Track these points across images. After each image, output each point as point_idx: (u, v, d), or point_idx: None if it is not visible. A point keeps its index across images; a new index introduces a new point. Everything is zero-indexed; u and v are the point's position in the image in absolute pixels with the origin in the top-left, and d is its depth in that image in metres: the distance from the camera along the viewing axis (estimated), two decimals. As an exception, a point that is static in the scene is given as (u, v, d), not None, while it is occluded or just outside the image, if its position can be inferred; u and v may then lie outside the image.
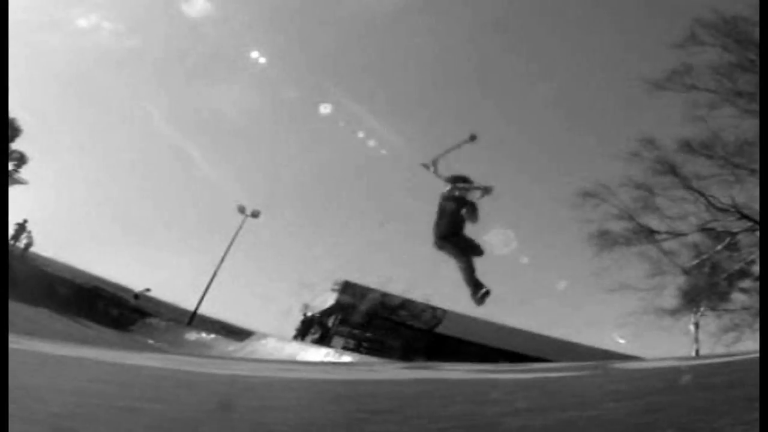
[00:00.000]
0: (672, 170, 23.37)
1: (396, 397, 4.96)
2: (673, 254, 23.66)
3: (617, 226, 24.42)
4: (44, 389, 3.13)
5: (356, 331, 34.00)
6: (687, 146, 23.06)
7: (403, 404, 4.71)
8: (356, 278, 32.79)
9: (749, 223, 21.43)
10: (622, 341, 26.12)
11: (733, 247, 22.21)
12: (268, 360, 15.32)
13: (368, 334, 34.05)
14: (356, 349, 30.05)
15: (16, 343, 6.75)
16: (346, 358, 18.90)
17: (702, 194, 23.13)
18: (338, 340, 33.17)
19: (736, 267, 22.18)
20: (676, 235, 23.77)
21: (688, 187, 23.14)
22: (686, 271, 23.46)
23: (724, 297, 22.69)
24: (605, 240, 24.46)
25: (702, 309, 23.13)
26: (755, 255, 20.80)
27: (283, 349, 21.95)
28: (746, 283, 22.28)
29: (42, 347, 7.06)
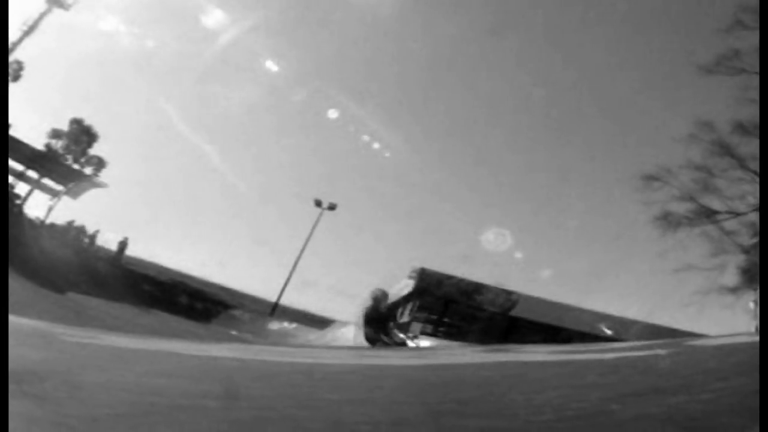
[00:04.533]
0: (728, 151, 23.77)
1: (483, 383, 4.57)
2: (733, 233, 24.10)
3: (680, 208, 24.79)
4: (97, 387, 2.97)
5: (433, 317, 34.00)
6: (741, 128, 23.41)
7: (493, 391, 4.33)
8: (430, 265, 32.88)
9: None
10: (608, 332, 26.15)
11: (790, 224, 21.92)
12: (348, 347, 15.31)
13: (445, 319, 33.98)
14: (434, 334, 30.01)
15: (93, 338, 6.85)
16: (425, 343, 18.74)
17: (757, 174, 23.33)
18: (416, 326, 33.29)
19: (794, 244, 21.82)
20: (735, 214, 24.05)
21: (745, 168, 23.58)
22: (746, 250, 23.58)
23: (782, 274, 22.35)
24: (668, 221, 24.78)
25: (762, 286, 22.97)
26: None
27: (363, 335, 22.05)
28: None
29: (119, 341, 7.16)
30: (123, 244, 29.86)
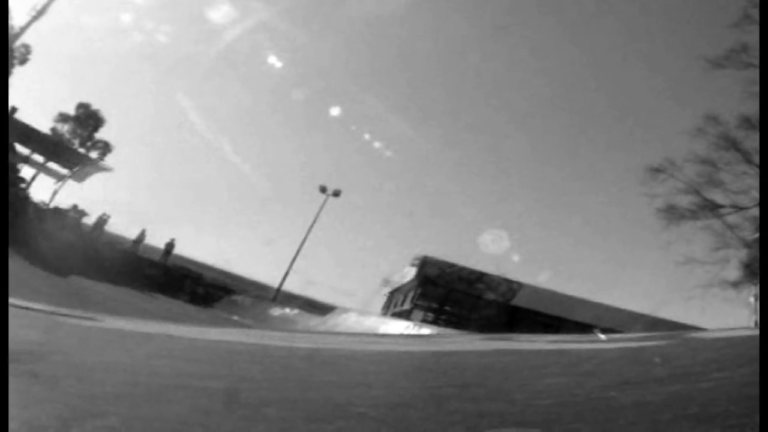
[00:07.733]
0: (734, 145, 23.92)
1: (483, 370, 4.59)
2: (736, 228, 24.26)
3: (683, 201, 24.94)
4: (98, 367, 2.98)
5: (435, 305, 34.12)
6: (747, 122, 23.54)
7: (492, 377, 4.35)
8: (433, 253, 33.06)
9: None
10: (602, 337, 26.10)
11: (792, 219, 21.93)
12: (349, 333, 15.34)
13: (446, 307, 34.08)
14: (435, 322, 30.14)
15: (95, 321, 6.87)
16: (426, 330, 18.77)
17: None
18: (417, 314, 33.43)
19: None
20: (738, 208, 24.19)
21: (749, 162, 23.78)
22: (748, 244, 23.70)
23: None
24: (672, 214, 24.89)
25: (762, 281, 23.07)
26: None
27: (365, 322, 22.12)
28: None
29: (119, 324, 7.19)
30: (170, 246, 30.00)
